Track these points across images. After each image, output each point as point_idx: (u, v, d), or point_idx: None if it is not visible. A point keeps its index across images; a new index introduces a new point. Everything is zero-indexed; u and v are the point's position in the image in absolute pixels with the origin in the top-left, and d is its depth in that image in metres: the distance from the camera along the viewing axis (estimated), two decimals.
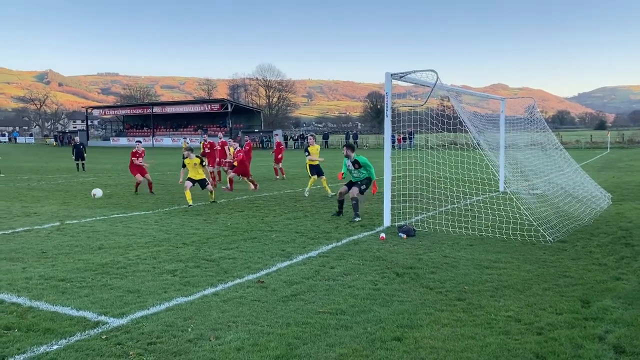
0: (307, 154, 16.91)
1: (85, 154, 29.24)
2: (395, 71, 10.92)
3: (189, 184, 14.48)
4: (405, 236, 9.74)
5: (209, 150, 20.53)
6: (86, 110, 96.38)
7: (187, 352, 4.68)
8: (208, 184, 14.71)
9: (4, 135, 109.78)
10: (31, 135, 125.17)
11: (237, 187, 18.41)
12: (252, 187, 17.90)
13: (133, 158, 17.85)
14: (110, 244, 9.27)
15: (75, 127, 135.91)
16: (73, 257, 8.31)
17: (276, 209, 13.60)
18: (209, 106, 79.90)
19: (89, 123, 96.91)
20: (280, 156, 23.16)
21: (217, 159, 20.17)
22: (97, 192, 15.75)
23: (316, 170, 16.74)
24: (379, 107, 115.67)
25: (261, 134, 73.23)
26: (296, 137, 74.32)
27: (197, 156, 14.71)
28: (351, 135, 73.23)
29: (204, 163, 14.98)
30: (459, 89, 14.66)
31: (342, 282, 6.91)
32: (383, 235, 9.78)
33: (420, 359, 4.55)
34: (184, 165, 14.68)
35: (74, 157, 28.81)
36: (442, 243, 9.35)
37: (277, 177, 22.89)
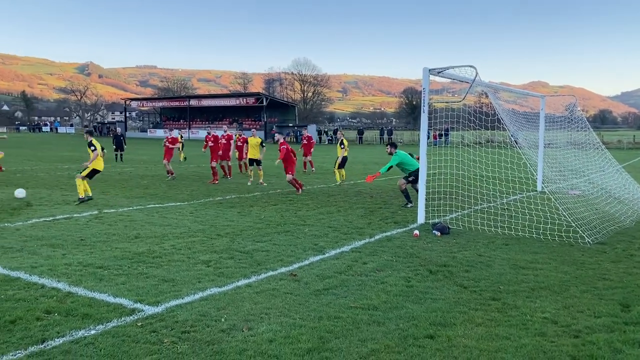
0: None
1: (125, 145, 29.93)
2: (433, 66, 10.79)
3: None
4: (439, 234, 9.64)
5: (212, 144, 19.80)
6: (125, 102, 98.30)
7: (220, 342, 4.73)
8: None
9: (46, 125, 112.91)
10: (72, 125, 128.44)
11: (272, 181, 18.50)
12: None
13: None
14: (146, 234, 9.44)
15: (113, 118, 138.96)
16: (110, 245, 8.50)
17: (309, 203, 13.63)
18: (245, 100, 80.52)
19: (127, 114, 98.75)
20: (311, 150, 23.29)
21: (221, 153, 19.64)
22: (19, 193, 13.51)
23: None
24: (414, 103, 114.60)
25: (295, 128, 73.47)
26: (331, 132, 74.21)
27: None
28: (386, 131, 72.73)
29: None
30: (497, 86, 14.38)
31: (375, 277, 6.88)
32: (417, 232, 9.70)
33: (453, 358, 4.49)
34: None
35: (113, 147, 29.45)
36: (477, 242, 9.22)
37: (305, 170, 23.00)
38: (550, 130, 16.69)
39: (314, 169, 23.24)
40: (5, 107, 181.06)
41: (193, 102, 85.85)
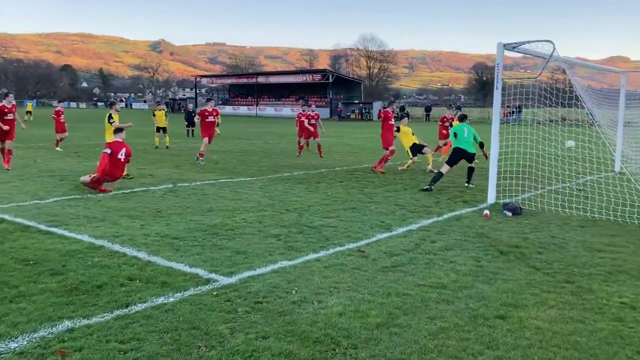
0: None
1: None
2: (508, 41, 10.43)
3: None
4: (510, 214, 9.43)
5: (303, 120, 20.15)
6: (195, 79, 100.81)
7: (291, 313, 4.88)
8: None
9: (122, 101, 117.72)
10: (145, 101, 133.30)
11: (336, 157, 18.54)
12: None
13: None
14: (219, 207, 9.76)
15: (184, 95, 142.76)
16: (185, 217, 8.85)
17: (375, 180, 13.62)
18: (311, 76, 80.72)
19: (197, 91, 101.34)
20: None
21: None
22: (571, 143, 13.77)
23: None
24: (484, 79, 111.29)
25: (361, 105, 73.12)
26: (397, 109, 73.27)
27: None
28: (454, 108, 71.04)
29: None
30: (574, 61, 13.71)
31: (443, 256, 6.84)
32: (487, 212, 9.52)
33: (525, 339, 4.44)
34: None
35: (185, 124, 30.38)
36: (550, 223, 8.95)
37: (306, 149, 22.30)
38: (631, 108, 15.83)
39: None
40: (84, 84, 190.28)
41: (261, 79, 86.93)
